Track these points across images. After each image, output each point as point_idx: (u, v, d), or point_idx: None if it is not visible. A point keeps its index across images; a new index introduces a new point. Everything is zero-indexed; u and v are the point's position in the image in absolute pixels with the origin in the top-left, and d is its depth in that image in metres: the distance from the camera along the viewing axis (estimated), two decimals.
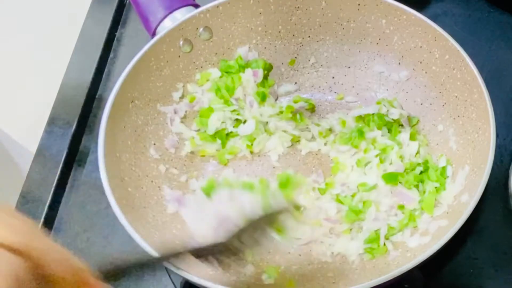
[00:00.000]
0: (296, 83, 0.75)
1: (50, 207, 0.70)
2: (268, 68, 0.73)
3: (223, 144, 0.70)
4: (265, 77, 0.72)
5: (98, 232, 0.69)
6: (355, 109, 0.72)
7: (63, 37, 0.87)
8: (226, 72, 0.71)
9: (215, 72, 0.71)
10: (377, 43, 0.72)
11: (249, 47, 0.72)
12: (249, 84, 0.70)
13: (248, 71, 0.71)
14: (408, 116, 0.70)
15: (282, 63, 0.74)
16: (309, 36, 0.73)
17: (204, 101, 0.71)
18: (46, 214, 0.70)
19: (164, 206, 0.65)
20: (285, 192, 0.59)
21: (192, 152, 0.70)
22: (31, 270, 0.36)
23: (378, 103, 0.71)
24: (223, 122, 0.70)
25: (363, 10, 0.69)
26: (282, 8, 0.70)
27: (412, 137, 0.68)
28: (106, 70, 0.82)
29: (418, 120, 0.70)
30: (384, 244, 0.62)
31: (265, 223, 0.55)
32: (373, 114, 0.69)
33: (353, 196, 0.65)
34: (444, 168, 0.65)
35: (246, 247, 0.54)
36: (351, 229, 0.64)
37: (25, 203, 0.71)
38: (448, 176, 0.65)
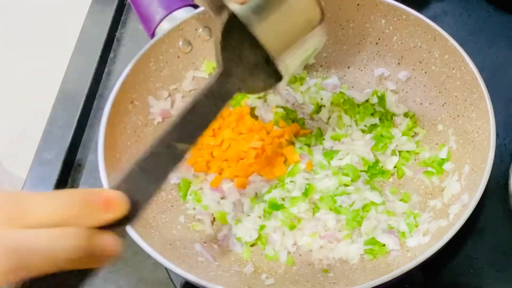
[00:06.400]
0: None
1: None
2: None
3: None
4: None
5: None
6: (346, 90, 0.73)
7: (63, 37, 0.87)
8: None
9: None
10: (377, 43, 0.72)
11: None
12: None
13: None
14: (404, 113, 0.71)
15: None
16: None
17: None
18: None
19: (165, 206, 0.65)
20: None
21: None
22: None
23: (375, 92, 0.72)
24: None
25: (363, 10, 0.69)
26: None
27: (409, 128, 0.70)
28: (106, 70, 0.82)
29: (414, 114, 0.71)
30: (384, 245, 0.62)
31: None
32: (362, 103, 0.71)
33: (351, 205, 0.65)
34: (443, 160, 0.66)
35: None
36: (351, 234, 0.64)
37: None
38: (445, 170, 0.65)
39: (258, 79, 0.51)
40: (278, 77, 0.52)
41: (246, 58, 0.50)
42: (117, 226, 0.39)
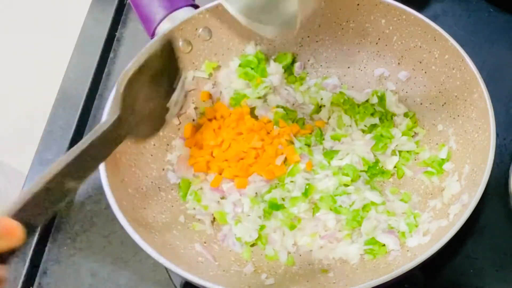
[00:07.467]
0: None
1: None
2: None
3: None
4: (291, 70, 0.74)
5: (98, 232, 0.69)
6: (347, 90, 0.73)
7: (63, 37, 0.87)
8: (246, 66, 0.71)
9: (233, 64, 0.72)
10: (377, 43, 0.72)
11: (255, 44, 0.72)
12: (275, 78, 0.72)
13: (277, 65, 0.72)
14: (404, 113, 0.71)
15: None
16: (308, 36, 0.73)
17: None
18: None
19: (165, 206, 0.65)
20: None
21: None
22: None
23: (375, 92, 0.72)
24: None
25: (363, 10, 0.69)
26: None
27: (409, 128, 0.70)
28: (106, 70, 0.82)
29: (414, 114, 0.71)
30: (384, 245, 0.62)
31: None
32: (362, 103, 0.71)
33: (351, 205, 0.65)
34: (443, 160, 0.66)
35: None
36: (351, 234, 0.64)
37: None
38: (445, 170, 0.65)
39: (145, 127, 0.58)
40: (160, 126, 0.60)
41: (138, 109, 0.55)
42: (6, 253, 0.42)
